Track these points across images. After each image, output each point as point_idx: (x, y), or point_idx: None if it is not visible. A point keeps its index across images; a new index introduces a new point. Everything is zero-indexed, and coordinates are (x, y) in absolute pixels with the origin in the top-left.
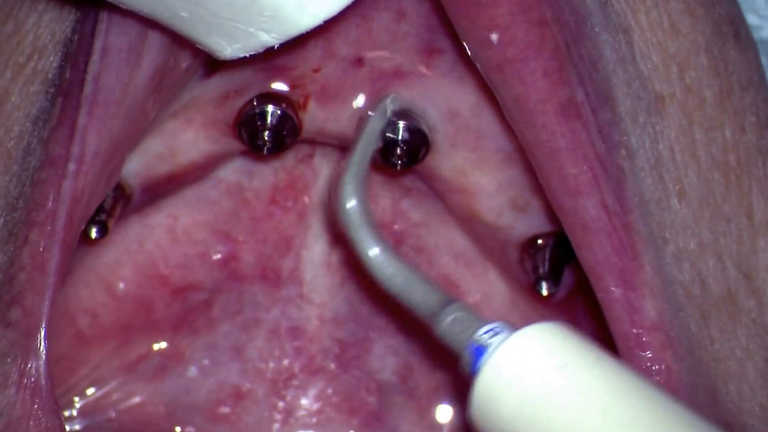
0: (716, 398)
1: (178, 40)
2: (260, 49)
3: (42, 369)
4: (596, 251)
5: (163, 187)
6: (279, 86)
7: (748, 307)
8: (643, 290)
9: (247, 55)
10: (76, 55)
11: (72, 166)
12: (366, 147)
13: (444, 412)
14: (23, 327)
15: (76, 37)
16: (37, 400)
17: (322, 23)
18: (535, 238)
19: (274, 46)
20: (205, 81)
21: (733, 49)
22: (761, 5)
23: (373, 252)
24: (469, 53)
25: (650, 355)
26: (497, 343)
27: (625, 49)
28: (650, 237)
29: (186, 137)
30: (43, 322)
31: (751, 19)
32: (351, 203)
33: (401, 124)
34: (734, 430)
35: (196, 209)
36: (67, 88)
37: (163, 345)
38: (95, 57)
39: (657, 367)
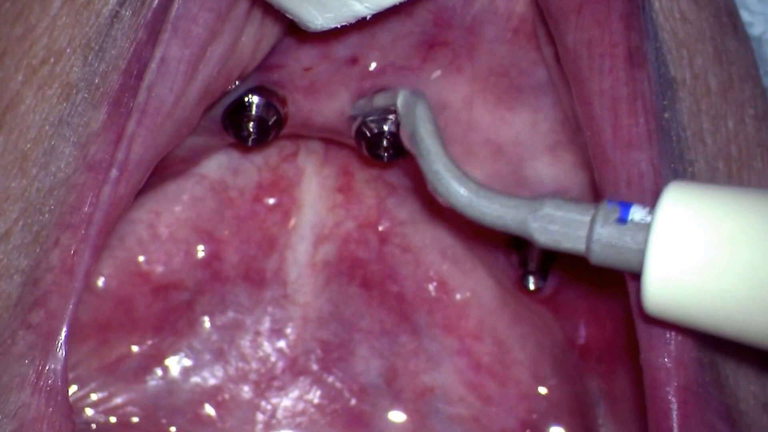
0: (719, 382)
1: (233, 56)
2: (352, 20)
3: (59, 372)
4: None
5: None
6: (267, 81)
7: None
8: None
9: (338, 26)
10: (129, 62)
11: (114, 172)
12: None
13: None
14: (44, 329)
15: (139, 47)
16: (52, 403)
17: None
18: None
19: (366, 17)
20: None
21: (732, 40)
22: (753, 2)
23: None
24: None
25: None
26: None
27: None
28: None
29: None
30: (65, 325)
31: (743, 15)
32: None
33: (387, 115)
34: (733, 415)
35: (179, 206)
36: (116, 94)
37: (144, 345)
38: (153, 66)
39: (670, 335)
